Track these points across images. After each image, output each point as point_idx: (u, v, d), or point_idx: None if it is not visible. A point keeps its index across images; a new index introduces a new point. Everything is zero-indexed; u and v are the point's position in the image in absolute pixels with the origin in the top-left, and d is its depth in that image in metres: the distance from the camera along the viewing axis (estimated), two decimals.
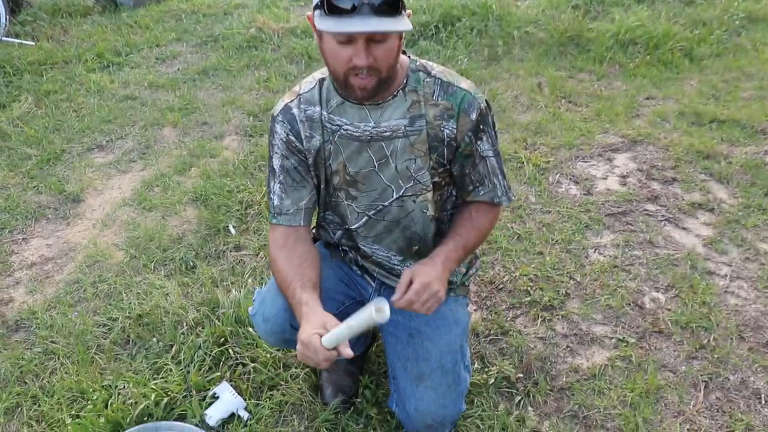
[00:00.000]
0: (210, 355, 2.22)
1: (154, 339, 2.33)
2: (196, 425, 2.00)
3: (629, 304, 2.47)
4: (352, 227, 1.78)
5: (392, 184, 1.67)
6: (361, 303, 1.94)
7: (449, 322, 1.87)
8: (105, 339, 2.37)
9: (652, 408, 2.04)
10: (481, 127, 1.64)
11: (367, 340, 2.18)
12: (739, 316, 2.38)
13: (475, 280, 2.64)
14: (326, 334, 1.43)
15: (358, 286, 1.93)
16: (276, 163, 1.71)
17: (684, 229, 2.90)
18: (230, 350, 2.24)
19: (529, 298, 2.52)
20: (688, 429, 1.99)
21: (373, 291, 1.91)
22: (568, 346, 2.30)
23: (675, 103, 4.13)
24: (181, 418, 2.04)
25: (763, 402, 2.07)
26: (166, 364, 2.20)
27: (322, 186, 1.74)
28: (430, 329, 1.84)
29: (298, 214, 1.72)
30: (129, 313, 2.46)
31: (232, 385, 2.11)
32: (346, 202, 1.74)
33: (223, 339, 2.28)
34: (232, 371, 2.19)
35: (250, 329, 2.29)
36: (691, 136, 3.67)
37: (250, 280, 2.59)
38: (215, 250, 2.83)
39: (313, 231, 1.94)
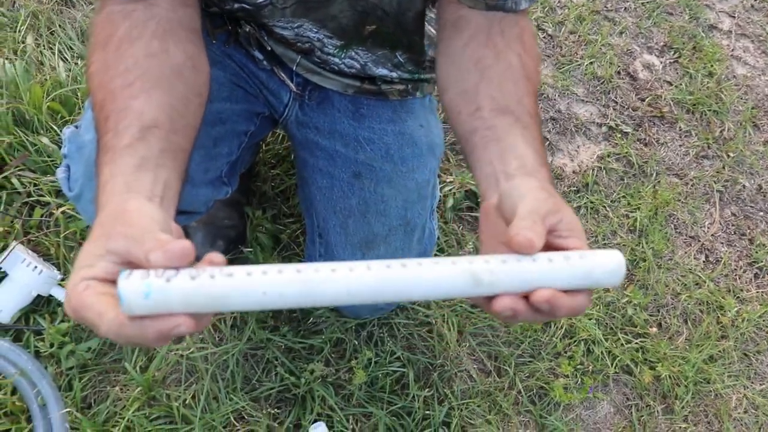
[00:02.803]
0: None
1: None
2: None
3: (619, 72, 1.77)
4: None
5: None
6: (272, 121, 1.05)
7: (421, 149, 1.07)
8: None
9: (662, 233, 1.50)
10: None
11: (251, 154, 1.29)
12: (752, 94, 1.80)
13: None
14: (126, 275, 0.48)
15: (264, 89, 0.99)
16: None
17: None
18: (14, 180, 1.28)
19: None
20: (704, 261, 1.50)
21: (290, 100, 1.01)
22: (545, 138, 1.62)
23: None
24: None
25: None
26: None
27: None
28: (390, 164, 1.04)
29: None
30: None
31: (28, 250, 1.22)
32: None
33: None
34: (25, 220, 1.26)
35: (44, 139, 1.31)
36: None
37: (30, 39, 1.49)
38: None
39: None
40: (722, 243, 1.53)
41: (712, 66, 1.81)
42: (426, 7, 0.89)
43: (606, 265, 0.56)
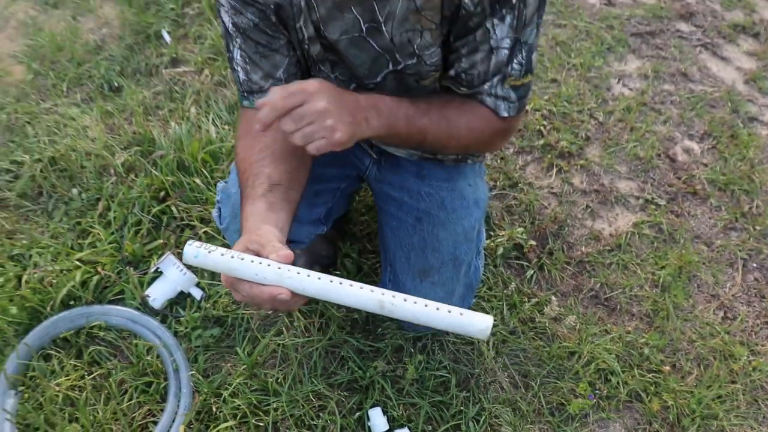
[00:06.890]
0: (148, 214, 1.75)
1: (75, 190, 1.82)
2: (138, 309, 1.60)
3: (659, 155, 2.07)
4: None
5: (387, 53, 1.10)
6: (359, 180, 1.47)
7: (468, 203, 1.42)
8: (9, 191, 1.83)
9: (684, 290, 1.75)
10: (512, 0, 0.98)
11: (346, 203, 1.71)
12: None
13: None
14: (190, 243, 0.91)
15: (351, 154, 1.42)
16: (226, 20, 1.10)
17: (723, 58, 2.42)
18: (174, 208, 1.77)
19: (542, 141, 2.08)
20: (722, 317, 1.72)
21: (371, 163, 1.42)
22: (587, 206, 1.93)
23: None
24: (117, 301, 1.63)
25: None
26: (92, 227, 1.73)
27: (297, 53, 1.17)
28: (444, 212, 1.40)
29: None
30: (39, 155, 1.90)
31: (178, 257, 1.68)
32: (332, 76, 1.17)
33: (163, 193, 1.79)
34: (178, 237, 1.74)
35: (197, 180, 1.80)
36: None
37: (193, 110, 2.03)
38: (146, 65, 2.20)
39: None
40: (742, 303, 1.75)
41: (747, 151, 2.06)
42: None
43: (476, 325, 0.82)
